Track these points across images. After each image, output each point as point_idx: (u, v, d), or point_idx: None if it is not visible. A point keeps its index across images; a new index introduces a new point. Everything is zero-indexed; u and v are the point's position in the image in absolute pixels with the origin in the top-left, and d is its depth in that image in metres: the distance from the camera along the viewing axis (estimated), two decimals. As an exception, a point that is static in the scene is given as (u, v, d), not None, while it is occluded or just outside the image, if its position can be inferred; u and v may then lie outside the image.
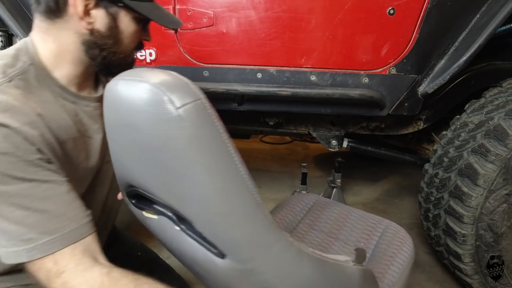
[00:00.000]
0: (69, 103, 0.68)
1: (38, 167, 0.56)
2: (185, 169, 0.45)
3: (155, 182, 0.53)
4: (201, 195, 0.46)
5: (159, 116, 0.44)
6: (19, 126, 0.55)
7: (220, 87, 1.35)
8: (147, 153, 0.49)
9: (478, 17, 1.32)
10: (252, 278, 0.51)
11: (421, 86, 1.38)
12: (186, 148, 0.44)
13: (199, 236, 0.52)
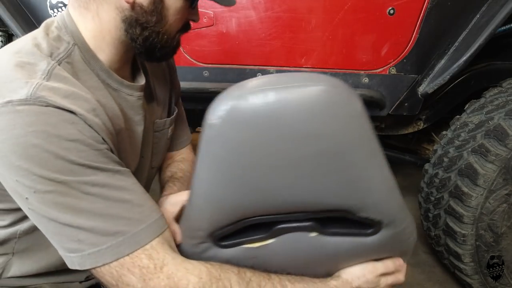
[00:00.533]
0: (112, 91, 0.62)
1: (107, 158, 0.51)
2: (369, 160, 0.48)
3: (330, 190, 0.49)
4: (380, 180, 0.50)
5: (348, 117, 0.44)
6: (84, 113, 0.50)
7: (220, 87, 1.35)
8: (327, 159, 0.46)
9: (478, 17, 1.32)
10: (401, 237, 0.58)
11: (421, 86, 1.38)
12: (370, 140, 0.47)
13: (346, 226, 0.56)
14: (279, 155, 0.46)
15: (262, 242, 0.57)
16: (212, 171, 0.49)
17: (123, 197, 0.51)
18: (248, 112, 0.43)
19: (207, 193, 0.52)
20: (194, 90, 1.35)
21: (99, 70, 0.60)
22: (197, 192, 0.53)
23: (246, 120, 0.43)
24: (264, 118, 0.43)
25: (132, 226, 0.50)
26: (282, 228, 0.56)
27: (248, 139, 0.45)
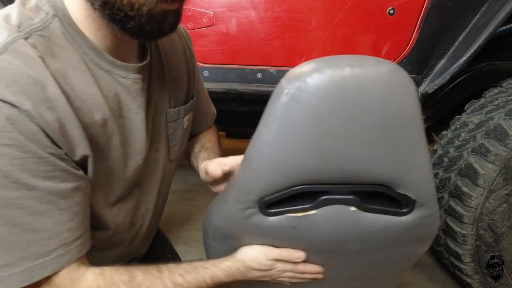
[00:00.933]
0: (103, 72, 0.53)
1: (49, 166, 0.45)
2: (416, 138, 0.54)
3: (379, 163, 0.55)
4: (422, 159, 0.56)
5: (406, 97, 0.50)
6: (31, 107, 0.42)
7: (220, 87, 1.35)
8: (385, 132, 0.52)
9: (478, 17, 1.31)
10: (429, 221, 0.62)
11: (421, 86, 1.38)
12: (419, 122, 0.53)
13: (383, 203, 0.61)
14: (343, 124, 0.50)
15: (305, 212, 0.61)
16: (277, 135, 0.53)
17: (34, 226, 0.45)
18: (322, 84, 0.48)
19: (269, 156, 0.55)
20: (194, 90, 1.35)
21: (85, 48, 0.51)
22: (257, 155, 0.56)
23: (319, 91, 0.48)
24: (336, 90, 0.48)
25: (26, 262, 0.45)
26: (326, 199, 0.59)
27: (318, 107, 0.50)
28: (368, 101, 0.49)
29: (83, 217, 0.52)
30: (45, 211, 0.46)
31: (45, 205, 0.45)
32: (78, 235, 0.51)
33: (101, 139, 0.54)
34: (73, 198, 0.49)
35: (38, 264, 0.46)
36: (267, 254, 0.64)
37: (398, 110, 0.51)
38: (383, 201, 0.61)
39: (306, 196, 0.60)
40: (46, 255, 0.46)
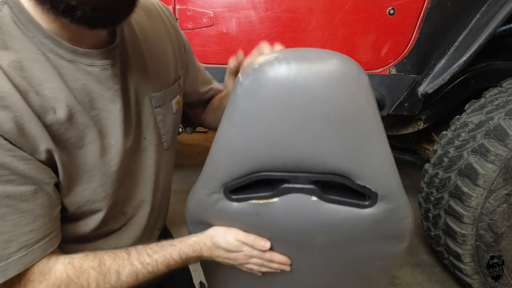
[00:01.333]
0: (66, 62, 0.48)
1: (5, 170, 0.43)
2: (370, 129, 0.55)
3: (332, 152, 0.57)
4: (379, 151, 0.57)
5: (356, 87, 0.52)
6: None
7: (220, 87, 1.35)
8: (334, 121, 0.54)
9: (478, 17, 1.32)
10: (395, 216, 0.63)
11: (421, 86, 1.38)
12: (372, 111, 0.54)
13: (344, 195, 0.62)
14: (293, 115, 0.54)
15: (267, 200, 0.63)
16: (236, 125, 0.57)
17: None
18: (271, 76, 0.52)
19: (228, 145, 0.59)
20: (194, 90, 1.35)
21: (41, 37, 0.46)
22: (218, 144, 0.60)
23: (269, 83, 0.52)
24: (284, 83, 0.52)
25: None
26: (287, 187, 0.62)
27: (271, 98, 0.53)
28: (315, 92, 0.52)
29: (49, 217, 0.50)
30: (3, 215, 0.45)
31: (3, 209, 0.44)
32: (42, 236, 0.50)
33: (71, 135, 0.50)
34: (36, 200, 0.47)
35: (0, 266, 0.46)
36: (235, 234, 0.66)
37: (345, 100, 0.52)
38: (348, 194, 0.62)
39: (270, 185, 0.63)
40: (7, 257, 0.46)
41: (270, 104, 0.54)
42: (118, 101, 0.55)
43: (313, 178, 0.61)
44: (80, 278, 0.52)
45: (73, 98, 0.49)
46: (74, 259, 0.53)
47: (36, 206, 0.48)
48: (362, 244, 0.68)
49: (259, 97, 0.54)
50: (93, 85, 0.52)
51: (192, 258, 0.65)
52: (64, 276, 0.51)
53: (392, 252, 0.70)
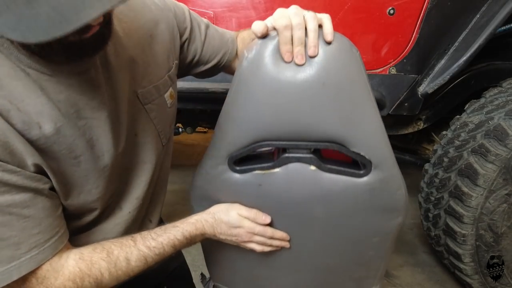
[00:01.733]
0: (45, 76, 0.47)
1: (7, 186, 0.45)
2: (362, 98, 0.61)
3: (327, 119, 0.61)
4: (370, 119, 0.62)
5: (348, 58, 0.59)
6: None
7: (220, 87, 1.35)
8: (329, 90, 0.59)
9: (478, 17, 1.32)
10: (389, 186, 0.67)
11: (421, 86, 1.38)
12: (363, 82, 0.60)
13: (341, 165, 0.66)
14: (294, 84, 0.59)
15: (269, 170, 0.67)
16: (241, 96, 0.62)
17: (3, 235, 0.47)
18: (275, 51, 0.58)
19: (233, 115, 0.64)
20: (194, 90, 1.35)
21: (18, 53, 0.45)
22: (225, 115, 0.65)
23: (272, 56, 0.58)
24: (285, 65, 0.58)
25: (1, 265, 0.48)
26: (287, 157, 0.66)
27: (272, 71, 0.59)
28: (311, 62, 0.58)
29: (54, 217, 0.52)
30: (8, 222, 0.46)
31: (7, 216, 0.46)
32: (51, 235, 0.52)
33: (60, 148, 0.51)
34: (36, 205, 0.49)
35: (14, 265, 0.48)
36: (237, 209, 0.68)
37: (338, 69, 0.58)
38: (343, 165, 0.67)
39: (271, 159, 0.68)
40: (19, 256, 0.48)
41: (271, 76, 0.59)
42: (104, 108, 0.55)
43: (312, 146, 0.65)
44: (92, 270, 0.55)
45: (57, 111, 0.49)
46: (83, 254, 0.56)
47: (38, 210, 0.49)
48: (359, 217, 0.70)
49: (261, 70, 0.59)
50: (77, 96, 0.51)
51: (196, 237, 0.66)
52: (77, 270, 0.54)
53: (387, 227, 0.72)
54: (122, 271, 0.58)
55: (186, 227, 0.65)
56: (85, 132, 0.53)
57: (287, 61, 0.59)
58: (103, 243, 0.59)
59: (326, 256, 0.78)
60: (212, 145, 0.69)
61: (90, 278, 0.55)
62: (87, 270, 0.55)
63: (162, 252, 0.62)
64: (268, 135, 0.64)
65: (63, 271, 0.53)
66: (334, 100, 0.60)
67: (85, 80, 0.52)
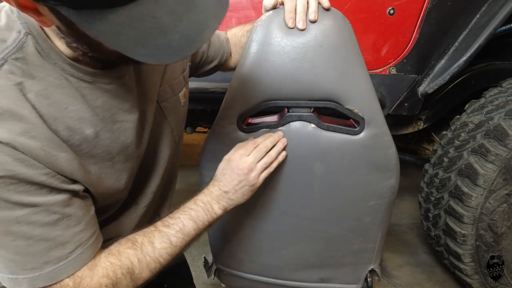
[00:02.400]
0: (85, 83, 0.51)
1: (43, 188, 0.47)
2: (354, 59, 0.70)
3: (325, 77, 0.70)
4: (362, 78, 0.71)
5: (341, 25, 0.69)
6: (13, 139, 0.43)
7: (220, 87, 1.35)
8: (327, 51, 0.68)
9: (478, 17, 1.31)
10: (381, 144, 0.75)
11: (421, 86, 1.38)
12: (355, 46, 0.70)
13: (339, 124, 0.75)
14: (296, 48, 0.69)
15: (274, 128, 0.76)
16: (251, 61, 0.71)
17: (47, 235, 0.48)
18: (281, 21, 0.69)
19: (243, 77, 0.72)
20: (194, 90, 1.35)
21: (62, 63, 0.49)
22: (237, 77, 0.73)
23: (278, 26, 0.69)
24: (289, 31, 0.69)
25: (50, 265, 0.49)
26: (290, 115, 0.75)
27: (279, 37, 0.69)
28: (310, 27, 0.68)
29: (90, 216, 0.55)
30: (53, 222, 0.49)
31: (52, 216, 0.48)
32: (91, 234, 0.54)
33: (98, 151, 0.54)
34: (74, 204, 0.51)
35: (62, 265, 0.50)
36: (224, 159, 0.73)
37: (334, 33, 0.68)
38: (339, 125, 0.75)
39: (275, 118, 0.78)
40: (67, 257, 0.51)
41: (277, 40, 0.69)
42: (135, 111, 0.58)
43: (311, 104, 0.74)
44: (122, 260, 0.56)
45: (95, 117, 0.52)
46: (110, 249, 0.58)
47: (77, 209, 0.52)
48: (354, 174, 0.77)
49: (269, 35, 0.69)
50: (112, 100, 0.55)
51: (208, 204, 0.68)
52: (108, 264, 0.55)
53: (381, 189, 0.78)
54: (150, 256, 0.59)
55: (197, 196, 0.69)
56: (120, 135, 0.57)
57: (291, 27, 0.68)
58: (127, 237, 0.61)
59: (325, 223, 0.83)
60: (223, 106, 0.76)
61: (122, 269, 0.56)
62: (117, 261, 0.56)
63: (182, 228, 0.63)
64: (274, 94, 0.73)
65: (97, 269, 0.55)
66: (330, 60, 0.69)
67: (120, 85, 0.55)
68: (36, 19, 0.41)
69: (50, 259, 0.49)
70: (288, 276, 0.90)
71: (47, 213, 0.48)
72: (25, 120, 0.44)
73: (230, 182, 0.69)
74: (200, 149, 0.84)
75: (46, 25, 0.43)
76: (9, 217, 0.45)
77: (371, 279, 0.89)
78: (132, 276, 0.57)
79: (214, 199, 0.69)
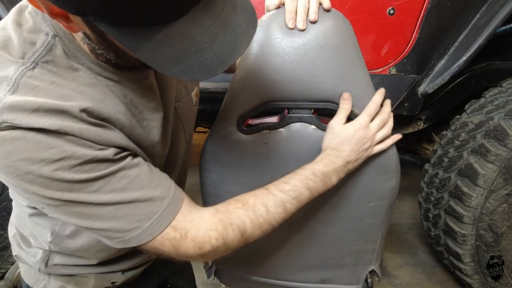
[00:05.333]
0: (112, 82, 0.52)
1: (103, 162, 0.48)
2: (354, 60, 0.69)
3: (325, 78, 0.69)
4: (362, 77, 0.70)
5: (341, 25, 0.68)
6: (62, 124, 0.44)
7: (220, 87, 1.35)
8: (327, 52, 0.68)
9: (478, 17, 1.31)
10: None
11: (421, 86, 1.38)
12: (355, 47, 0.69)
13: None
14: (297, 48, 0.68)
15: (275, 129, 0.75)
16: (252, 61, 0.70)
17: (130, 197, 0.50)
18: (282, 21, 0.68)
19: (243, 79, 0.71)
20: (194, 90, 1.35)
21: (90, 63, 0.50)
22: (236, 80, 0.72)
23: (279, 26, 0.68)
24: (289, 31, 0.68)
25: (145, 221, 0.51)
26: (290, 116, 0.74)
27: (279, 37, 0.68)
28: (311, 28, 0.67)
29: (158, 172, 0.56)
30: (126, 185, 0.50)
31: (123, 180, 0.50)
32: (169, 185, 0.55)
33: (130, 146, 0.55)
34: (136, 165, 0.52)
35: (156, 218, 0.52)
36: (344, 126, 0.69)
37: (334, 34, 0.67)
38: None
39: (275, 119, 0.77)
40: (157, 210, 0.52)
41: (277, 41, 0.68)
42: (160, 109, 0.59)
43: (312, 106, 0.73)
44: (232, 219, 0.56)
45: (129, 112, 0.53)
46: (218, 208, 0.58)
47: (141, 168, 0.53)
48: (354, 175, 0.75)
49: (269, 36, 0.68)
50: (139, 99, 0.55)
51: (328, 174, 0.65)
52: (217, 220, 0.55)
53: (382, 190, 0.77)
54: (264, 218, 0.58)
55: (314, 165, 0.65)
56: (149, 132, 0.58)
57: (291, 28, 0.67)
58: (236, 197, 0.60)
59: (325, 224, 0.81)
60: (223, 107, 0.75)
61: (233, 226, 0.56)
62: (227, 219, 0.56)
63: (298, 195, 0.61)
64: (274, 95, 0.72)
65: (203, 223, 0.55)
66: (330, 61, 0.68)
67: (144, 85, 0.56)
68: (64, 25, 0.42)
69: (142, 216, 0.51)
70: (288, 277, 0.90)
71: (117, 180, 0.49)
72: (68, 112, 0.45)
73: (354, 152, 0.68)
74: (200, 149, 0.83)
75: (73, 31, 0.43)
76: (86, 193, 0.47)
77: (371, 280, 0.88)
78: (243, 234, 0.57)
79: (335, 170, 0.66)
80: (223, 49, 0.40)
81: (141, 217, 0.51)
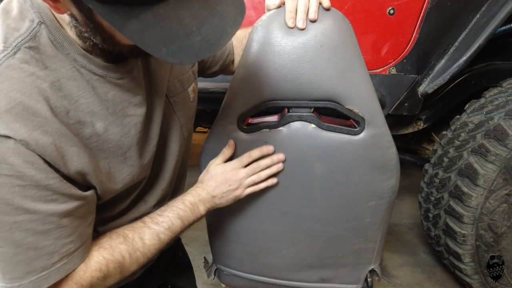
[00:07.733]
0: (96, 76, 0.50)
1: (48, 191, 0.45)
2: (354, 59, 0.69)
3: (325, 77, 0.69)
4: (362, 77, 0.70)
5: (341, 24, 0.68)
6: (27, 134, 0.42)
7: (220, 87, 1.35)
8: (327, 51, 0.68)
9: (478, 17, 1.32)
10: (381, 144, 0.74)
11: (421, 86, 1.38)
12: (355, 47, 0.69)
13: (339, 124, 0.75)
14: (297, 47, 0.68)
15: (275, 128, 0.75)
16: (251, 60, 0.70)
17: (37, 244, 0.47)
18: (281, 21, 0.68)
19: (244, 77, 0.71)
20: (194, 90, 1.35)
21: (75, 54, 0.48)
22: (237, 77, 0.72)
23: (279, 26, 0.68)
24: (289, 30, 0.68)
25: (32, 275, 0.48)
26: (290, 115, 0.74)
27: (279, 37, 0.68)
28: (311, 27, 0.67)
29: (85, 225, 0.54)
30: (46, 231, 0.47)
31: (47, 225, 0.47)
32: (80, 244, 0.53)
33: (109, 145, 0.53)
34: (76, 214, 0.50)
35: (44, 275, 0.49)
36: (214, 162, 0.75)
37: (334, 33, 0.68)
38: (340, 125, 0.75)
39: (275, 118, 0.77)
40: (50, 267, 0.49)
41: (277, 40, 0.68)
42: (144, 104, 0.58)
43: (312, 104, 0.73)
44: (114, 255, 0.57)
45: (106, 110, 0.52)
46: (102, 243, 0.58)
47: (76, 219, 0.51)
48: (355, 174, 0.76)
49: (269, 35, 0.68)
50: (122, 94, 0.54)
51: (196, 205, 0.70)
52: (101, 259, 0.56)
53: (381, 189, 0.78)
54: (140, 252, 0.61)
55: (184, 196, 0.71)
56: (130, 129, 0.56)
57: (291, 27, 0.67)
58: (116, 230, 0.61)
59: (325, 223, 0.82)
60: (223, 106, 0.76)
61: (114, 263, 0.57)
62: (110, 256, 0.57)
63: (171, 226, 0.65)
64: (274, 94, 0.72)
65: (90, 264, 0.55)
66: (330, 60, 0.68)
67: (130, 80, 0.55)
68: (50, 4, 0.41)
69: (34, 268, 0.48)
70: (288, 276, 0.90)
71: (42, 222, 0.46)
72: (38, 114, 0.44)
73: (219, 189, 0.73)
74: (200, 149, 0.84)
75: (60, 11, 0.42)
76: (5, 222, 0.44)
77: (371, 279, 0.89)
78: (122, 269, 0.58)
79: (201, 201, 0.71)
80: (211, 33, 0.40)
81: (32, 269, 0.48)
